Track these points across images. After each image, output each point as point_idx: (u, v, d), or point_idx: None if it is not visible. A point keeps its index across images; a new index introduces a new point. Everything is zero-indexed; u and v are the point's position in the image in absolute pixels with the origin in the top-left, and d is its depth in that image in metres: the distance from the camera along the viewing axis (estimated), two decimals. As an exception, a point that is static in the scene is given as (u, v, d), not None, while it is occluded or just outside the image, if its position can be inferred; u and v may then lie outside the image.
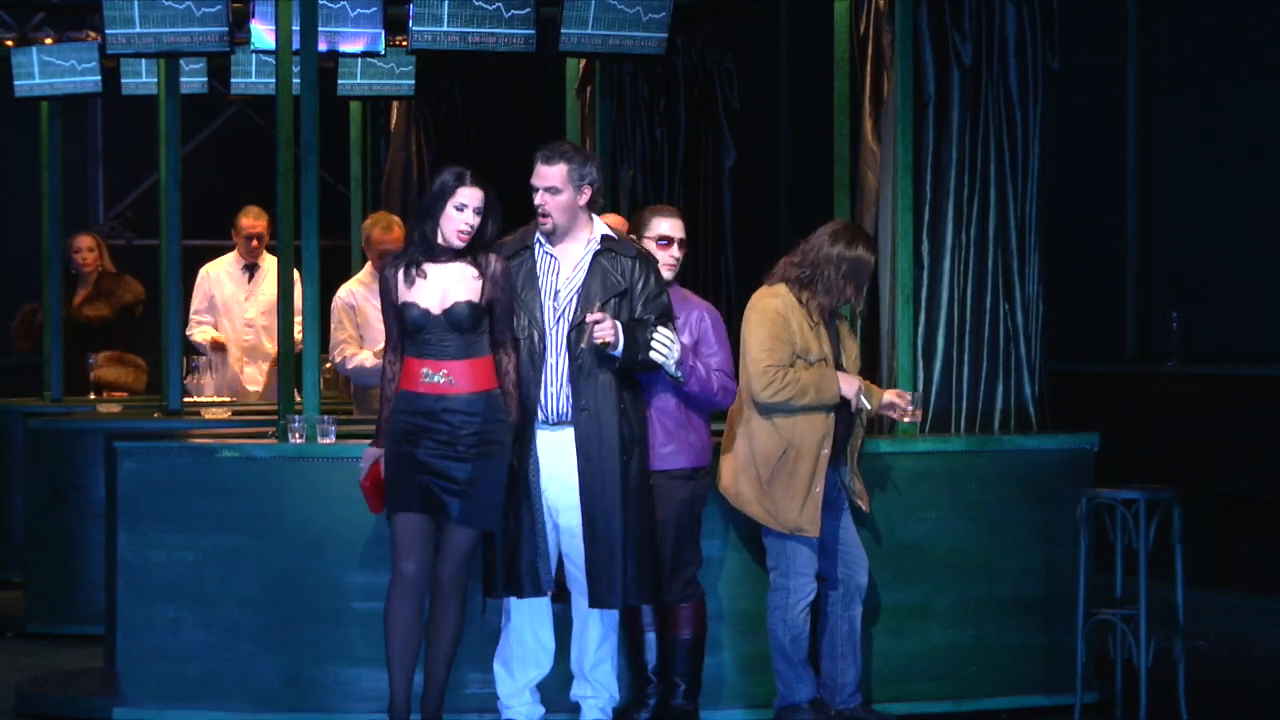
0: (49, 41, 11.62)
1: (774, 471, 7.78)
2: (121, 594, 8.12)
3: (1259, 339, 10.65)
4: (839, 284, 7.82)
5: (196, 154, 14.99)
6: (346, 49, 10.04)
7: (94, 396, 11.77)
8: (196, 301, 11.66)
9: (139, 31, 9.48)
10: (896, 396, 8.00)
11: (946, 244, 8.77)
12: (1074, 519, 8.21)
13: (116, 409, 11.18)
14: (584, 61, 10.55)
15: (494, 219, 7.48)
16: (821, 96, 9.41)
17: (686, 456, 7.71)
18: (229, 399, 11.34)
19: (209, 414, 10.36)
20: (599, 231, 7.60)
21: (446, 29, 9.53)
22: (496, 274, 7.44)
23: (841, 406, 7.86)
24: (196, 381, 11.03)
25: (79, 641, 9.58)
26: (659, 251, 7.72)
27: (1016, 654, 8.46)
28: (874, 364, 8.73)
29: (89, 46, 11.31)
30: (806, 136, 12.91)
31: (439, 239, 7.44)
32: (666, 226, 7.79)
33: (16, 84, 11.47)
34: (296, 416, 8.29)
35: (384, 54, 10.35)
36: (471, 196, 7.41)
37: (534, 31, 9.61)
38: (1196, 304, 10.98)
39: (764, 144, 13.22)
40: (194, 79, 11.55)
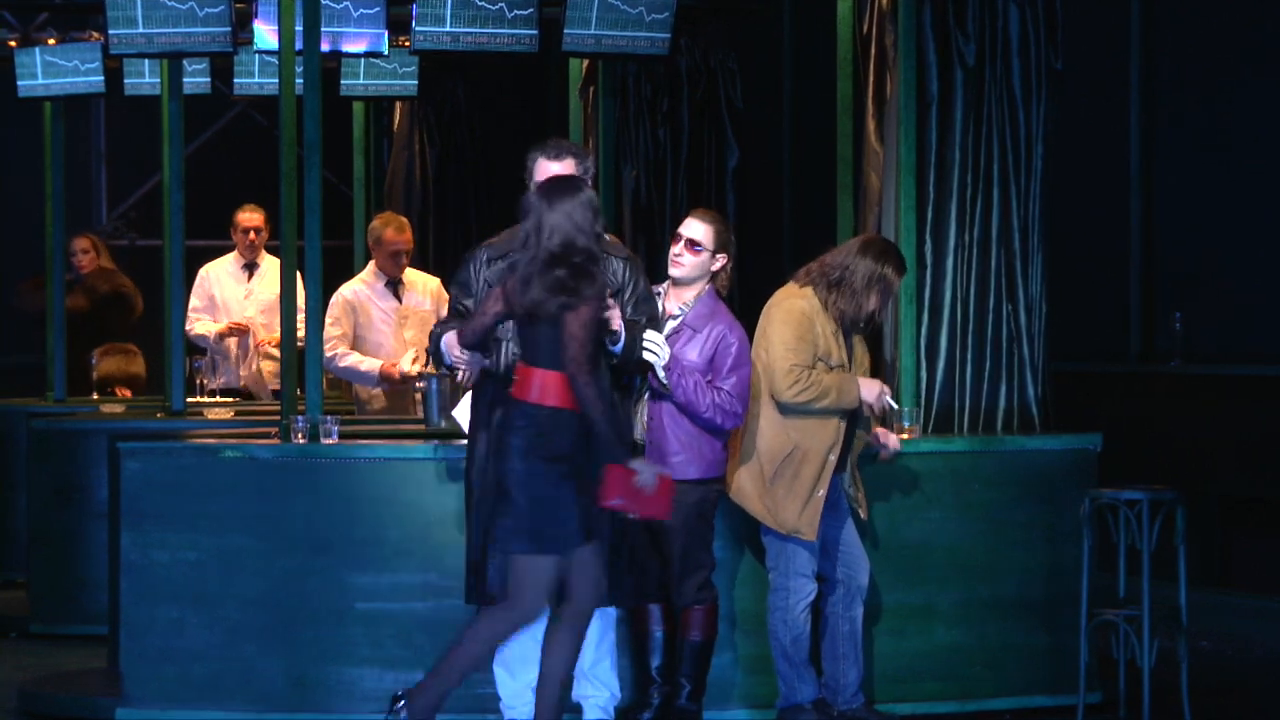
0: (52, 42, 11.63)
1: (778, 470, 7.77)
2: (125, 594, 8.12)
3: (1262, 339, 10.64)
4: (862, 294, 7.80)
5: (199, 154, 14.98)
6: (349, 49, 10.04)
7: (98, 395, 11.78)
8: (195, 299, 11.65)
9: (142, 32, 9.50)
10: (883, 436, 8.06)
11: (949, 244, 8.77)
12: (1077, 519, 8.20)
13: (119, 409, 11.19)
14: (587, 62, 10.54)
15: None
16: (824, 97, 9.41)
17: (698, 467, 7.69)
18: (244, 391, 11.37)
19: (212, 414, 10.37)
20: None
21: (449, 29, 9.54)
22: None
23: (851, 414, 7.86)
24: (202, 380, 11.04)
25: (82, 641, 9.57)
26: (672, 246, 7.77)
27: (1019, 654, 8.45)
28: (877, 364, 8.72)
29: (92, 47, 11.32)
30: (809, 137, 12.90)
31: None
32: (685, 225, 7.79)
33: (20, 84, 11.48)
34: (299, 416, 8.29)
35: (387, 54, 10.37)
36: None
37: (537, 32, 9.62)
38: (1200, 304, 10.97)
39: (767, 144, 13.21)
40: (197, 79, 11.56)
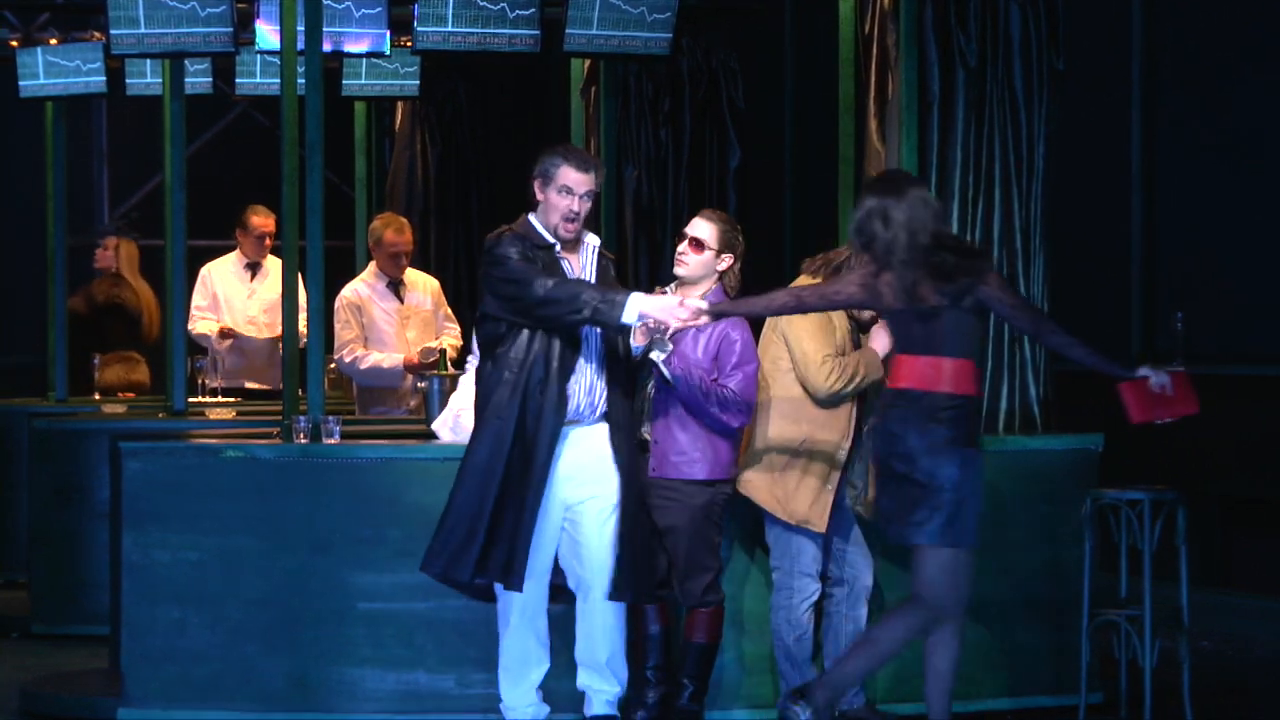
0: (54, 42, 11.64)
1: (789, 460, 7.77)
2: (126, 594, 8.12)
3: (1264, 339, 10.63)
4: None
5: (201, 154, 14.98)
6: (351, 49, 10.05)
7: (99, 396, 11.78)
8: (199, 297, 11.65)
9: (144, 32, 9.50)
10: None
11: (951, 244, 8.75)
12: (1079, 519, 8.20)
13: (121, 409, 11.19)
14: (588, 62, 10.55)
15: None
16: (826, 96, 9.41)
17: (704, 468, 7.69)
18: (247, 387, 11.37)
19: (213, 414, 10.37)
20: (587, 233, 7.69)
21: (451, 29, 9.54)
22: None
23: (861, 407, 7.86)
24: (204, 380, 11.04)
25: (83, 642, 9.57)
26: (678, 244, 7.80)
27: (1021, 654, 8.45)
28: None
29: (94, 47, 11.33)
30: (811, 136, 12.89)
31: None
32: (691, 224, 7.81)
33: (21, 84, 11.49)
34: (301, 416, 8.29)
35: (388, 54, 10.38)
36: None
37: (538, 32, 9.63)
38: (1201, 304, 10.95)
39: (768, 144, 13.21)
40: (199, 79, 11.57)
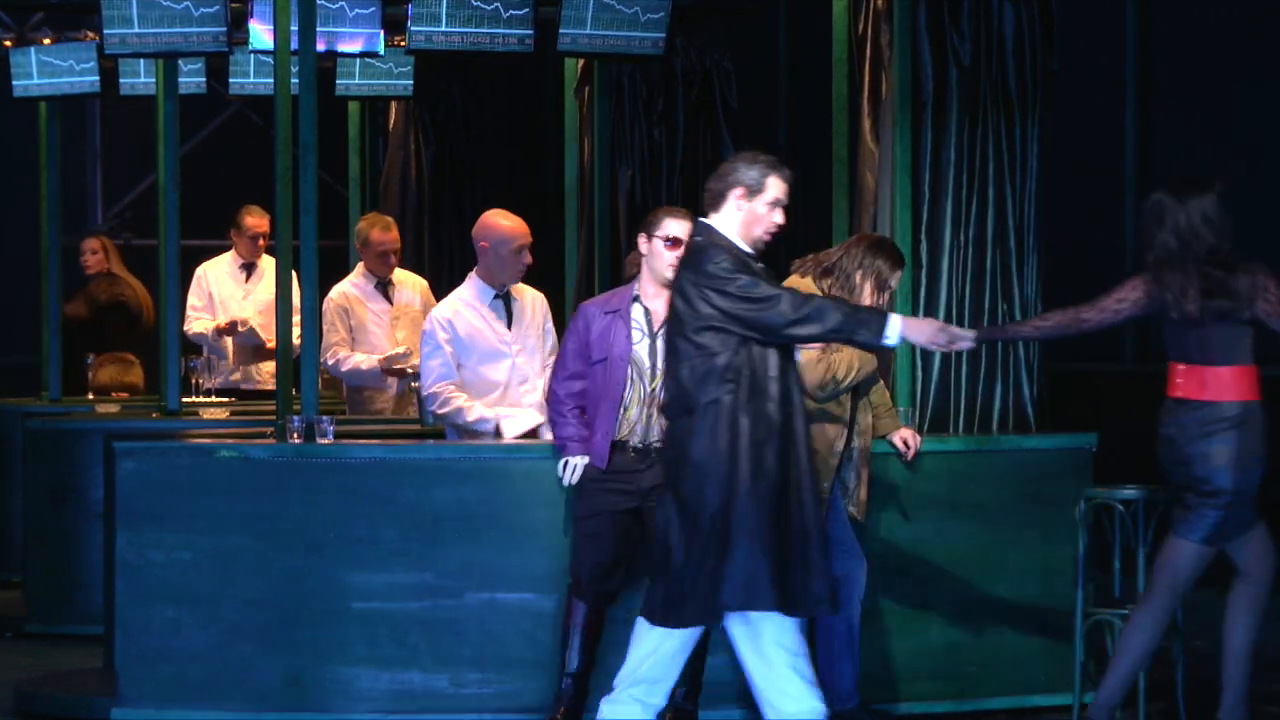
0: (47, 41, 11.62)
1: None
2: (120, 594, 8.11)
3: (1257, 339, 10.62)
4: (855, 282, 7.79)
5: (195, 154, 14.98)
6: (345, 49, 10.05)
7: (93, 396, 11.78)
8: (194, 298, 11.64)
9: (137, 31, 9.49)
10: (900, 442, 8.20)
11: (945, 244, 8.76)
12: (1072, 519, 8.20)
13: (115, 409, 11.18)
14: (582, 61, 10.55)
15: None
16: (820, 96, 9.41)
17: None
18: (240, 388, 11.37)
19: (207, 414, 10.36)
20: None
21: (445, 29, 9.54)
22: None
23: (854, 408, 7.86)
24: (198, 380, 11.03)
25: (78, 641, 9.57)
26: (666, 251, 7.66)
27: (1015, 654, 8.45)
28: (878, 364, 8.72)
29: (87, 46, 11.31)
30: (805, 136, 12.91)
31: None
32: (675, 228, 7.70)
33: (15, 84, 11.47)
34: (295, 416, 8.29)
35: (382, 54, 10.37)
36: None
37: (532, 31, 9.62)
38: (1195, 304, 10.94)
39: (762, 144, 13.11)
40: (192, 79, 11.54)
